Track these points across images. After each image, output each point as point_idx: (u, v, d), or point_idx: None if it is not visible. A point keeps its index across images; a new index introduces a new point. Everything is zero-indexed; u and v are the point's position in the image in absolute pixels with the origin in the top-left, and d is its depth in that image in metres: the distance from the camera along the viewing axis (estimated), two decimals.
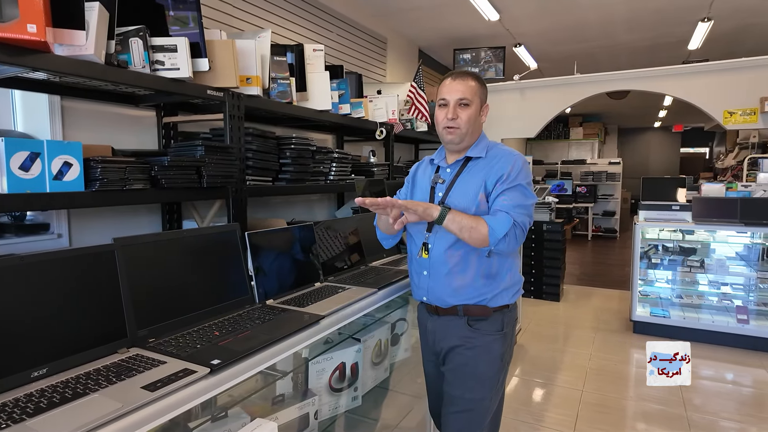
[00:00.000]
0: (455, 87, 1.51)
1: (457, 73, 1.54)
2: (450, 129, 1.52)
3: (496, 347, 1.52)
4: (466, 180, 1.53)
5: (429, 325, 1.63)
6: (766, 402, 2.84)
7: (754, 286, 3.91)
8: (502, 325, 1.54)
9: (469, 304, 1.51)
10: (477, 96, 1.52)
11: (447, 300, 1.53)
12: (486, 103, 1.58)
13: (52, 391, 0.92)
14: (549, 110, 5.29)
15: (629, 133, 13.95)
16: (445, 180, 1.57)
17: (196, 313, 1.32)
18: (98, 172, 1.52)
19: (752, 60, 4.30)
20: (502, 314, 1.54)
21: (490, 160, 1.52)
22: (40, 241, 1.88)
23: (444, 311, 1.55)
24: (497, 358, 1.52)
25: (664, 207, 3.99)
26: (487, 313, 1.52)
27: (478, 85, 1.53)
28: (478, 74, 1.61)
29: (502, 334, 1.53)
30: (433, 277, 1.55)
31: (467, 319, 1.52)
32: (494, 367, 1.52)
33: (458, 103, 1.50)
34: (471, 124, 1.51)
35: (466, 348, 1.52)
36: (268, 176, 2.37)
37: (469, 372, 1.51)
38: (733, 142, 8.25)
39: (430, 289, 1.57)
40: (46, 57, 1.38)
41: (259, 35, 2.24)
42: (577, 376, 3.19)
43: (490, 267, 1.51)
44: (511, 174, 1.47)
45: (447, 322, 1.56)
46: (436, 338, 1.60)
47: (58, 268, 1.05)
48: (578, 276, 6.34)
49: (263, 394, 1.53)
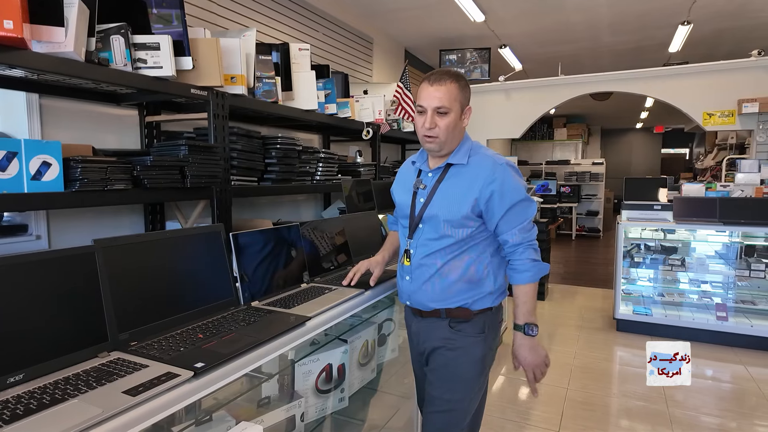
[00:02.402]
0: (433, 93, 1.42)
1: (435, 76, 1.44)
2: (429, 138, 1.46)
3: (476, 350, 1.51)
4: (448, 187, 1.49)
5: (413, 326, 1.64)
6: (746, 397, 2.91)
7: (732, 284, 4.00)
8: (483, 327, 1.52)
9: (450, 308, 1.51)
10: (456, 101, 1.44)
11: (428, 304, 1.53)
12: (468, 105, 1.50)
13: (29, 397, 0.90)
14: (534, 111, 5.35)
15: (612, 134, 14.18)
16: (426, 186, 1.54)
17: (180, 315, 1.30)
18: (78, 172, 1.49)
19: (730, 63, 4.40)
20: (483, 317, 1.53)
21: (473, 168, 1.47)
22: (18, 242, 1.83)
23: (427, 314, 1.56)
24: (478, 360, 1.51)
25: (646, 207, 4.06)
26: (469, 316, 1.51)
27: (458, 88, 1.44)
28: (460, 74, 1.49)
29: (483, 337, 1.52)
30: (414, 282, 1.55)
31: (449, 321, 1.52)
32: (475, 369, 1.51)
33: (436, 111, 1.43)
34: (450, 132, 1.44)
35: (447, 349, 1.51)
36: (253, 176, 2.35)
37: (449, 373, 1.51)
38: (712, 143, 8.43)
39: (411, 294, 1.57)
40: (23, 54, 1.35)
41: (244, 34, 2.22)
42: (562, 374, 3.23)
43: (473, 273, 1.49)
44: (505, 193, 1.43)
45: (430, 324, 1.56)
46: (420, 339, 1.61)
47: (37, 271, 1.02)
48: (563, 275, 6.42)
49: (248, 396, 1.52)
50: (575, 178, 10.19)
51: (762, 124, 4.28)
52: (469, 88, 1.50)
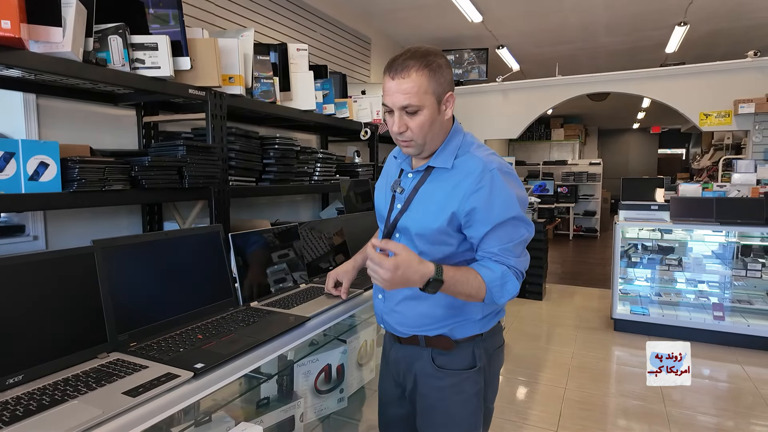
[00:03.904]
0: (394, 88, 1.13)
1: (397, 65, 1.12)
2: (403, 142, 1.20)
3: (467, 386, 1.25)
4: (428, 193, 1.22)
5: (392, 354, 1.39)
6: (742, 397, 2.92)
7: (729, 283, 4.02)
8: (474, 358, 1.25)
9: (429, 336, 1.26)
10: (428, 93, 1.12)
11: (401, 330, 1.30)
12: (449, 91, 1.17)
13: (29, 398, 0.89)
14: (531, 111, 5.36)
15: (609, 134, 14.22)
16: (404, 189, 1.28)
17: (179, 316, 1.30)
18: (76, 172, 1.49)
19: (727, 64, 4.43)
20: (472, 345, 1.26)
21: (458, 172, 1.19)
22: (16, 243, 1.82)
23: (405, 341, 1.31)
24: (470, 398, 1.26)
25: (643, 207, 4.07)
26: (450, 346, 1.25)
27: (429, 76, 1.11)
28: (429, 53, 1.13)
29: (474, 371, 1.26)
30: (387, 302, 1.32)
31: (431, 351, 1.27)
32: (468, 407, 1.26)
33: (403, 110, 1.14)
34: (427, 131, 1.16)
35: (433, 389, 1.27)
36: (251, 176, 2.35)
37: (438, 415, 1.28)
38: (709, 144, 8.48)
39: (384, 315, 1.34)
40: (20, 54, 1.34)
41: (242, 34, 2.22)
42: (560, 374, 3.24)
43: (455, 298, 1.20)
44: (492, 206, 1.14)
45: (410, 353, 1.31)
46: (399, 370, 1.36)
47: (35, 271, 1.02)
48: (560, 275, 6.43)
49: (248, 397, 1.52)
50: (572, 179, 10.21)
51: (758, 124, 4.30)
52: (447, 68, 1.16)
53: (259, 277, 1.59)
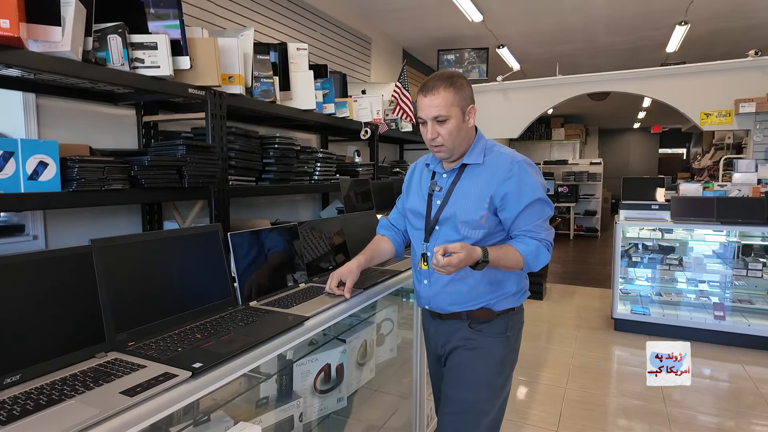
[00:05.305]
0: (427, 104, 1.41)
1: (428, 86, 1.42)
2: (436, 148, 1.46)
3: (497, 349, 1.48)
4: (464, 187, 1.46)
5: (432, 329, 1.61)
6: (743, 397, 2.92)
7: (729, 283, 4.01)
8: (506, 328, 1.50)
9: (472, 309, 1.48)
10: (455, 106, 1.40)
11: (448, 308, 1.51)
12: (471, 104, 1.46)
13: (26, 398, 0.89)
14: (531, 111, 5.36)
15: (610, 134, 14.21)
16: (442, 188, 1.51)
17: (177, 315, 1.29)
18: (75, 171, 1.48)
19: (727, 63, 4.42)
20: (507, 317, 1.50)
21: (489, 166, 1.45)
22: (15, 242, 1.82)
23: (447, 316, 1.53)
24: (497, 362, 1.47)
25: (644, 206, 4.07)
26: (491, 317, 1.48)
27: (453, 92, 1.40)
28: (454, 75, 1.43)
29: (505, 337, 1.49)
30: (433, 286, 1.52)
31: (470, 322, 1.50)
32: (493, 369, 1.47)
33: (435, 120, 1.41)
34: (455, 137, 1.42)
35: (466, 349, 1.48)
36: (251, 176, 2.35)
37: (467, 373, 1.48)
38: (709, 143, 8.46)
39: (431, 298, 1.54)
40: (19, 53, 1.34)
41: (242, 33, 2.21)
42: (561, 374, 3.23)
43: (496, 274, 1.46)
44: (522, 190, 1.40)
45: (450, 326, 1.53)
46: (438, 341, 1.58)
47: (34, 271, 1.02)
48: (561, 275, 6.43)
49: (247, 397, 1.51)
50: (573, 178, 10.20)
51: (759, 123, 4.29)
52: (467, 86, 1.45)
53: (259, 277, 1.58)
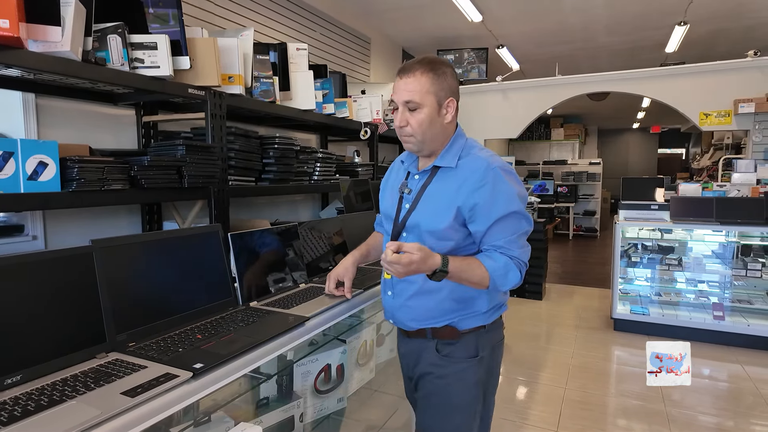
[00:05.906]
0: (401, 86, 1.24)
1: (405, 68, 1.25)
2: (404, 138, 1.29)
3: (469, 375, 1.32)
4: (433, 192, 1.30)
5: (402, 348, 1.48)
6: (742, 397, 2.92)
7: (729, 283, 4.02)
8: (476, 349, 1.33)
9: (437, 327, 1.33)
10: (429, 94, 1.22)
11: (409, 324, 1.37)
12: (451, 97, 1.26)
13: (27, 398, 0.89)
14: (531, 111, 5.36)
15: (609, 134, 14.22)
16: (411, 190, 1.35)
17: (178, 316, 1.29)
18: (75, 172, 1.48)
19: (726, 63, 4.42)
20: (476, 336, 1.33)
21: (462, 171, 1.27)
22: (15, 243, 1.82)
23: (413, 334, 1.38)
24: (471, 386, 1.32)
25: (643, 206, 4.07)
26: (456, 336, 1.32)
27: (432, 79, 1.22)
28: (436, 61, 1.25)
29: (476, 360, 1.32)
30: (397, 298, 1.38)
31: (436, 343, 1.34)
32: (469, 395, 1.32)
33: (406, 106, 1.24)
34: (425, 129, 1.25)
35: (436, 377, 1.34)
36: (251, 176, 2.34)
37: (440, 402, 1.34)
38: (709, 143, 8.47)
39: (394, 311, 1.40)
40: (19, 53, 1.34)
41: (242, 33, 2.21)
42: (560, 374, 3.24)
43: (464, 290, 1.29)
44: (495, 201, 1.22)
45: (417, 345, 1.39)
46: (409, 362, 1.44)
47: (34, 271, 1.02)
48: (560, 275, 6.43)
49: (247, 397, 1.51)
50: (572, 178, 10.21)
51: (758, 124, 4.30)
52: (452, 78, 1.27)
53: (259, 277, 1.58)
